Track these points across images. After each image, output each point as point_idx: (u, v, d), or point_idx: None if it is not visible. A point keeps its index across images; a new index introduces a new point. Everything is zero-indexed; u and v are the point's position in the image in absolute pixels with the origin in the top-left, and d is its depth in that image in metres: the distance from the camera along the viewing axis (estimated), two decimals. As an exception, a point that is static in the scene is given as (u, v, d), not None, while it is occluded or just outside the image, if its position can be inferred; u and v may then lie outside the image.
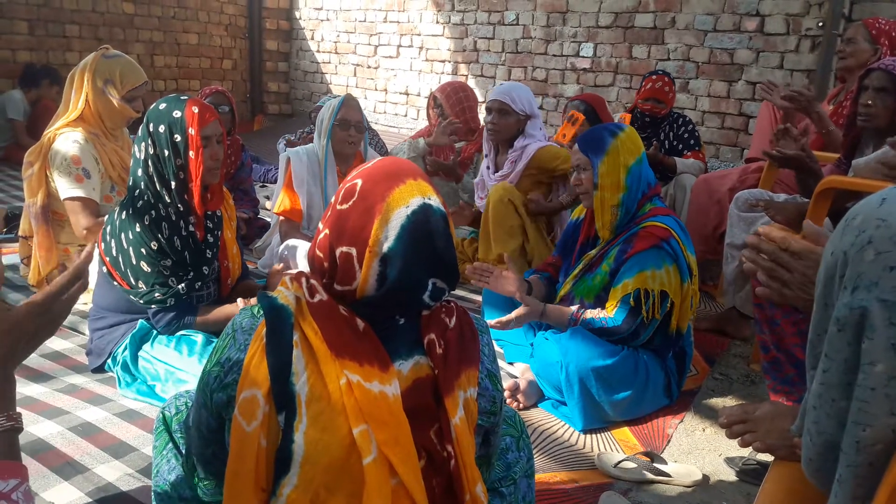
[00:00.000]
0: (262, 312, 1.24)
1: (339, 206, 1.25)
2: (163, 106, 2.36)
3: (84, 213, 3.01)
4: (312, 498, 1.16)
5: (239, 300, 2.51)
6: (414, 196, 1.21)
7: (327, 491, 1.16)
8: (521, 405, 2.53)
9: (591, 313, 2.47)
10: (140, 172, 2.37)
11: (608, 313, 2.43)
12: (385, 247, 1.19)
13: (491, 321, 2.53)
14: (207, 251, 2.49)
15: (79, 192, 3.01)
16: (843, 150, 2.95)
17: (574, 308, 2.52)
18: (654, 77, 4.18)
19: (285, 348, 1.19)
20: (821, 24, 4.87)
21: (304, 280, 1.26)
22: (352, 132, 3.48)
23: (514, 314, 2.51)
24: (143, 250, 2.35)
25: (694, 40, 5.53)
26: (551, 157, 3.52)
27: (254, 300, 2.49)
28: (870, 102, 2.69)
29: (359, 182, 1.24)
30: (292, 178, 3.54)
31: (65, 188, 3.01)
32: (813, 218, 2.58)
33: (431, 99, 4.68)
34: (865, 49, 3.35)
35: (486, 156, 3.74)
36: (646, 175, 2.50)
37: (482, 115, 4.24)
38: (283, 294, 1.25)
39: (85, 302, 3.07)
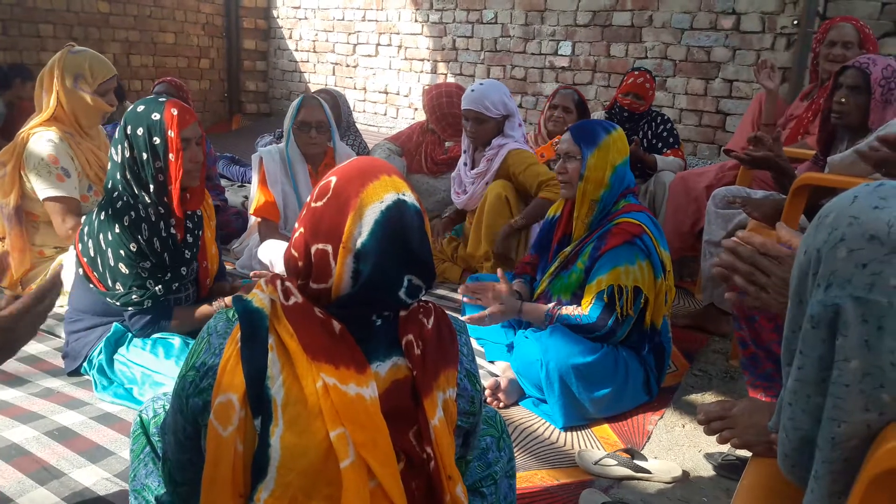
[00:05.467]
0: (236, 316, 1.22)
1: (313, 204, 1.24)
2: (141, 108, 2.33)
3: (68, 213, 2.98)
4: (290, 503, 1.15)
5: (215, 303, 2.50)
6: (388, 192, 1.21)
7: (305, 495, 1.15)
8: (501, 404, 2.53)
9: (566, 310, 2.48)
10: (117, 175, 2.34)
11: (583, 310, 2.44)
12: (359, 242, 1.18)
13: (466, 317, 2.54)
14: (186, 252, 2.47)
15: (59, 192, 2.97)
16: (819, 146, 2.97)
17: (550, 305, 2.53)
18: (635, 73, 4.20)
19: (260, 352, 1.17)
20: (796, 21, 4.91)
21: (278, 283, 1.25)
22: (312, 133, 3.47)
23: (488, 311, 2.53)
24: (121, 252, 2.32)
25: (671, 38, 5.55)
26: (521, 159, 3.49)
27: (229, 301, 2.48)
28: (843, 100, 2.71)
29: (333, 179, 1.24)
30: (266, 176, 3.52)
31: (44, 188, 2.97)
32: (789, 214, 2.60)
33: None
34: (858, 54, 3.36)
35: (465, 151, 3.73)
36: (628, 178, 2.53)
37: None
38: (258, 297, 1.24)
39: (61, 304, 3.03)
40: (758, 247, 1.27)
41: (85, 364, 2.47)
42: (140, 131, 2.29)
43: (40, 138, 3.00)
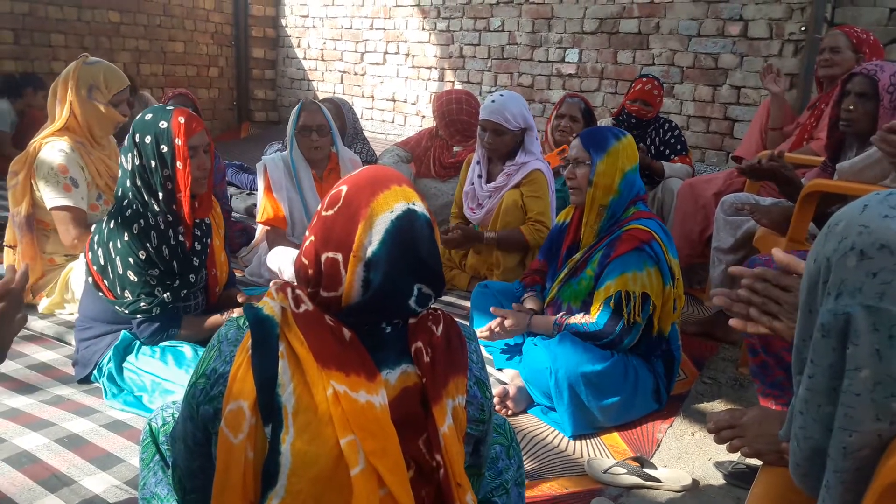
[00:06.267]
0: (247, 324, 1.23)
1: (324, 213, 1.25)
2: (149, 116, 2.35)
3: (73, 222, 3.00)
4: (300, 510, 1.16)
5: (225, 313, 2.51)
6: (398, 201, 1.22)
7: (315, 502, 1.16)
8: (510, 411, 2.52)
9: (573, 319, 2.48)
10: (128, 183, 2.36)
11: (591, 317, 2.44)
12: (369, 251, 1.19)
13: (478, 332, 2.53)
14: (195, 259, 2.48)
15: (66, 202, 2.99)
16: (828, 153, 2.97)
17: (557, 316, 2.53)
18: (644, 79, 4.21)
19: (271, 359, 1.18)
20: (803, 28, 4.90)
21: (289, 290, 1.26)
22: (314, 137, 3.48)
23: (496, 324, 2.55)
24: (130, 260, 2.34)
25: (678, 45, 5.56)
26: (537, 186, 3.42)
27: (238, 311, 2.49)
28: (851, 107, 2.71)
29: (344, 189, 1.25)
30: (271, 184, 3.53)
31: (52, 197, 2.99)
32: (798, 222, 2.60)
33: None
34: (850, 57, 3.40)
35: (478, 163, 3.60)
36: (638, 184, 2.52)
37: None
38: (269, 305, 1.25)
39: (71, 312, 3.05)
40: (771, 280, 1.30)
41: (95, 372, 2.48)
42: (148, 139, 2.31)
43: (52, 148, 3.02)
